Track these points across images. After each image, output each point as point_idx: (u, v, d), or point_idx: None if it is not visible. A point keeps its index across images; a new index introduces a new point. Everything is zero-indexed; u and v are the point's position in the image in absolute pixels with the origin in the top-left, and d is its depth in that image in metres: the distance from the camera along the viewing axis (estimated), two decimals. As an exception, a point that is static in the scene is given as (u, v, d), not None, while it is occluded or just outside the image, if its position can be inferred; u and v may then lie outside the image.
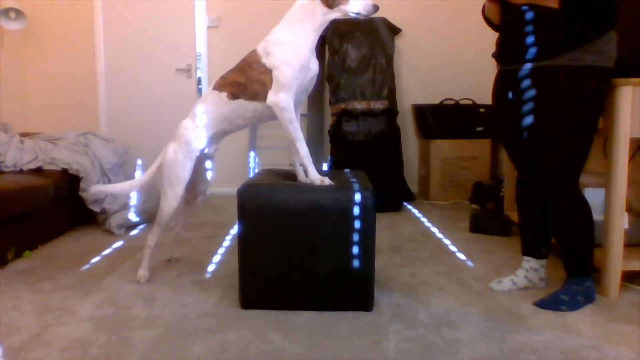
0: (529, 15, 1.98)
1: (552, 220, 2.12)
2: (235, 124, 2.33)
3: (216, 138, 2.41)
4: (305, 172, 2.18)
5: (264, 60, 2.15)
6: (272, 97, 2.11)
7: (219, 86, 2.29)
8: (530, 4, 1.97)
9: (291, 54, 2.11)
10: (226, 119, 2.31)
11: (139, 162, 3.71)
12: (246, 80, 2.20)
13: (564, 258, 2.15)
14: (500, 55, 2.16)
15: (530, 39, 1.98)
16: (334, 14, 2.10)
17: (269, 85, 2.13)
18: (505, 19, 2.12)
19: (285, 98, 2.10)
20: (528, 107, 2.03)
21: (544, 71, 1.97)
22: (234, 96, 2.24)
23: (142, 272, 2.43)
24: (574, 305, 2.07)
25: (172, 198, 2.33)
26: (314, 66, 2.21)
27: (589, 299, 2.10)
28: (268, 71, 2.13)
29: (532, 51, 1.98)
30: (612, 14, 1.94)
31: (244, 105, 2.24)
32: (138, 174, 3.58)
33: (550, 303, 2.10)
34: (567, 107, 1.95)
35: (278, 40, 2.15)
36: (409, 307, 2.12)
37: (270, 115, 2.21)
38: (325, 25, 2.16)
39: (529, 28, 1.98)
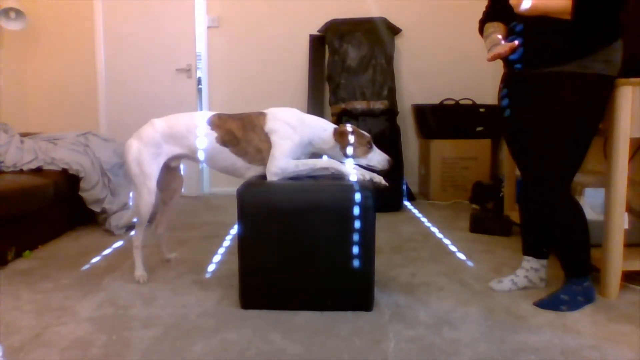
0: (519, 27, 2.01)
1: (548, 222, 2.14)
2: (206, 160, 2.34)
3: (179, 157, 2.41)
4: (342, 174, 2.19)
5: (267, 131, 2.23)
6: (272, 174, 2.18)
7: (215, 125, 2.29)
8: (525, 16, 1.96)
9: (292, 133, 2.21)
10: (199, 153, 2.31)
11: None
12: (242, 138, 2.26)
13: (561, 259, 2.16)
14: (506, 57, 2.16)
15: (518, 52, 2.01)
16: (344, 156, 2.23)
17: (264, 154, 2.23)
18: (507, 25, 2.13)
19: (282, 164, 2.17)
20: (530, 110, 2.03)
21: (548, 77, 1.98)
22: (223, 142, 2.27)
23: (139, 273, 2.42)
24: (574, 305, 2.07)
25: (146, 194, 2.32)
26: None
27: (588, 298, 2.10)
28: (268, 143, 2.22)
29: (519, 64, 2.02)
30: (619, 23, 1.95)
31: (226, 155, 2.28)
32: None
33: (550, 303, 2.10)
34: (571, 113, 1.96)
35: (290, 123, 2.23)
36: (409, 307, 2.12)
37: (239, 175, 2.32)
38: (335, 157, 2.27)
39: (519, 40, 2.01)
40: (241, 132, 2.26)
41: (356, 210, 2.01)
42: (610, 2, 1.90)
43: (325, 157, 2.24)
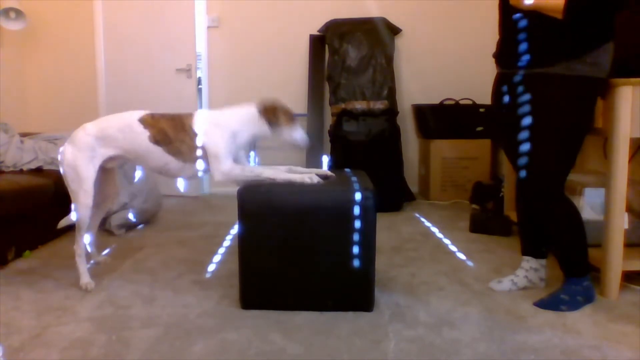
0: (523, 23, 2.00)
1: (544, 223, 2.14)
2: (137, 160, 2.36)
3: (114, 159, 2.39)
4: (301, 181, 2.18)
5: (197, 131, 2.26)
6: (218, 173, 2.21)
7: (147, 124, 2.30)
8: (529, 12, 1.95)
9: (224, 131, 2.24)
10: (133, 153, 2.32)
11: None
12: (175, 137, 2.28)
13: (559, 259, 2.16)
14: (499, 57, 2.18)
15: (523, 47, 2.01)
16: (271, 133, 2.28)
17: (195, 152, 2.25)
18: (504, 23, 2.12)
19: (229, 167, 2.20)
20: (522, 111, 2.04)
21: (538, 78, 1.99)
22: (155, 141, 2.28)
23: (85, 281, 2.34)
24: (573, 305, 2.07)
25: (83, 197, 2.29)
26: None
27: (588, 298, 2.10)
28: (201, 146, 2.25)
29: (524, 58, 2.01)
30: (611, 26, 1.96)
31: (159, 154, 2.28)
32: (138, 173, 3.59)
33: (550, 303, 2.10)
34: (559, 114, 1.97)
35: (218, 124, 2.26)
36: (409, 307, 2.12)
37: (172, 175, 2.34)
38: (260, 138, 2.33)
39: (522, 36, 2.00)
40: (173, 132, 2.27)
41: (356, 210, 2.01)
42: (603, 4, 1.90)
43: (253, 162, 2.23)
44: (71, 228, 3.35)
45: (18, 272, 2.57)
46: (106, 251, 2.89)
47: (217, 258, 2.78)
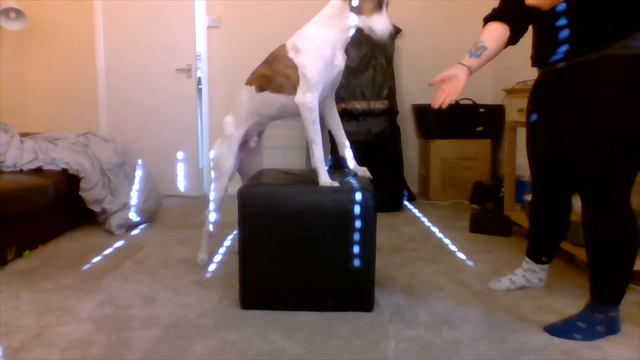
0: (561, 6, 1.75)
1: (586, 235, 1.84)
2: (265, 115, 2.45)
3: (253, 130, 2.55)
4: (317, 175, 2.15)
5: (292, 55, 2.20)
6: (300, 97, 2.14)
7: (250, 80, 2.43)
8: None
9: (316, 52, 2.14)
10: (256, 112, 2.44)
11: (139, 162, 3.71)
12: (272, 73, 2.29)
13: (593, 279, 1.87)
14: (537, 55, 1.99)
15: (564, 33, 1.79)
16: (357, 22, 2.11)
17: (294, 79, 2.19)
18: (538, 20, 1.93)
19: (312, 98, 2.13)
20: (575, 106, 1.81)
21: (591, 65, 1.75)
22: (260, 89, 2.35)
23: (202, 256, 2.67)
24: (590, 335, 1.83)
25: (219, 187, 2.56)
26: (339, 62, 2.20)
27: (611, 330, 1.85)
28: (295, 67, 2.18)
29: (564, 47, 1.80)
30: None
31: (269, 98, 2.34)
32: (138, 173, 3.59)
33: (563, 330, 1.88)
34: (622, 102, 1.70)
35: (306, 37, 2.19)
36: (409, 307, 2.12)
37: (295, 110, 2.20)
38: (351, 29, 2.15)
39: (562, 21, 1.79)
40: (269, 70, 2.32)
41: (357, 210, 2.01)
42: None
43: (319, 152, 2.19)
44: (71, 228, 3.36)
45: (18, 272, 2.57)
46: (107, 251, 2.89)
47: (217, 258, 2.78)
